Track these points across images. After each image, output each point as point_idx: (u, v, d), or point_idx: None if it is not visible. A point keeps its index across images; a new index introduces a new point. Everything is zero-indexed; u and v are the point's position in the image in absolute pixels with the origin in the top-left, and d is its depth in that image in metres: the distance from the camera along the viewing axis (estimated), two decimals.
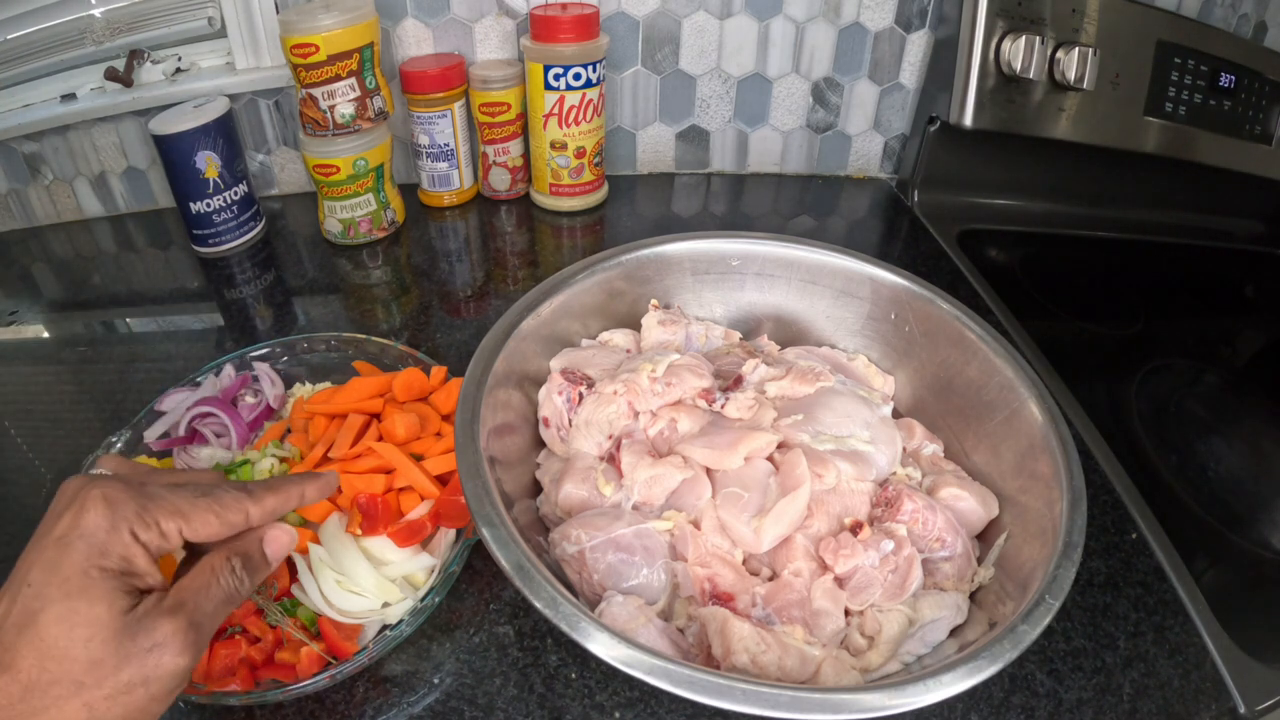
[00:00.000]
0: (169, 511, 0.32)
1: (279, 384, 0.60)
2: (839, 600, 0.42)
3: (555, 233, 0.90)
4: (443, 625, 0.48)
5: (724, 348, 0.60)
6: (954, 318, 0.54)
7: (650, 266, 0.59)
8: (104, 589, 0.29)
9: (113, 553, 0.30)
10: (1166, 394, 0.73)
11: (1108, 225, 1.00)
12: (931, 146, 0.93)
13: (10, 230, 0.89)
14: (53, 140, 0.84)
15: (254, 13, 0.82)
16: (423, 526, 0.48)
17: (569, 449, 0.50)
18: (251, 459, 0.52)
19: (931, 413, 0.56)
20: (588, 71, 0.82)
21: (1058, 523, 0.42)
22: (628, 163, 1.00)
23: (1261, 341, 0.89)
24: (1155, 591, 0.52)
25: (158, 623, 0.30)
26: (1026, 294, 0.84)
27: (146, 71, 0.83)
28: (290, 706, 0.43)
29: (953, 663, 0.35)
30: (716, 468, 0.47)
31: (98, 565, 0.29)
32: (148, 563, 0.31)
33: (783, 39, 0.91)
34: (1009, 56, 0.82)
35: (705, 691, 0.33)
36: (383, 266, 0.83)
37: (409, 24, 0.85)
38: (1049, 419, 0.47)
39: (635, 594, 0.42)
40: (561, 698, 0.44)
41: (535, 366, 0.53)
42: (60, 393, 0.68)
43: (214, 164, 0.78)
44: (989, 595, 0.45)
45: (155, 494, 0.32)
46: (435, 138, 0.86)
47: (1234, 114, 0.93)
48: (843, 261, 0.59)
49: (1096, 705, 0.45)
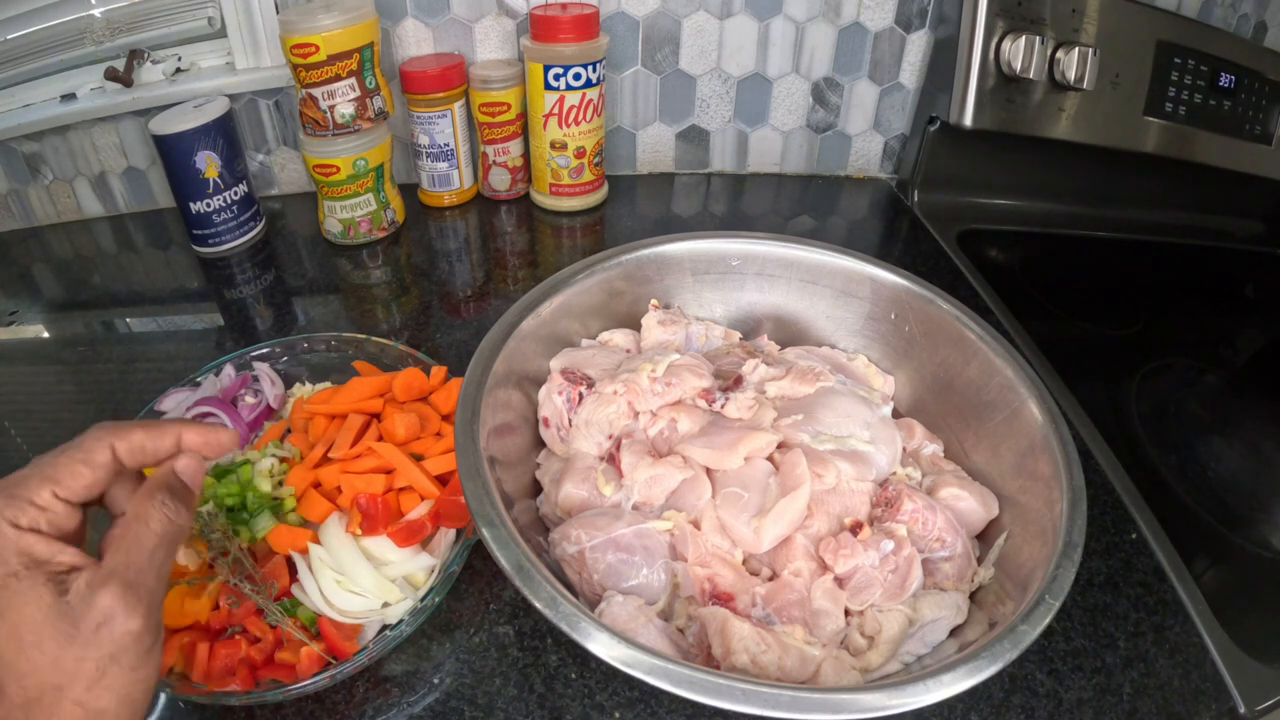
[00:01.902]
0: (35, 483, 0.30)
1: (279, 384, 0.60)
2: (839, 600, 0.42)
3: (555, 233, 0.90)
4: (443, 625, 0.48)
5: (724, 348, 0.60)
6: (954, 318, 0.54)
7: (650, 266, 0.59)
8: (22, 592, 0.28)
9: (10, 555, 0.28)
10: (1166, 394, 0.73)
11: (1108, 225, 1.00)
12: (931, 146, 0.93)
13: (10, 230, 0.89)
14: (53, 140, 0.84)
15: (254, 13, 0.82)
16: (423, 526, 0.48)
17: (569, 449, 0.50)
18: (251, 459, 0.52)
19: (931, 413, 0.56)
20: (588, 71, 0.82)
21: (1058, 523, 0.42)
22: (628, 163, 1.00)
23: (1261, 341, 0.89)
24: (1155, 591, 0.52)
25: (94, 598, 0.28)
26: (1026, 294, 0.84)
27: (146, 71, 0.83)
28: (290, 706, 0.43)
29: (953, 663, 0.35)
30: (716, 468, 0.47)
31: (6, 573, 0.28)
32: (47, 544, 0.29)
33: (783, 39, 0.91)
34: (1009, 56, 0.82)
35: (705, 691, 0.33)
36: (383, 266, 0.83)
37: (409, 24, 0.85)
38: (1049, 419, 0.47)
39: (635, 594, 0.42)
40: (561, 698, 0.44)
41: (535, 366, 0.53)
42: (60, 393, 0.68)
43: (214, 164, 0.78)
44: (989, 595, 0.45)
45: (15, 477, 0.30)
46: (435, 138, 0.86)
47: (1234, 114, 0.93)
48: (843, 261, 0.59)
49: (1096, 705, 0.45)
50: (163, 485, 0.33)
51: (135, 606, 0.29)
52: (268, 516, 0.48)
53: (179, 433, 0.34)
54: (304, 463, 0.52)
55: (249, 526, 0.48)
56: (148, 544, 0.31)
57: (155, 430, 0.34)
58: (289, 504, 0.50)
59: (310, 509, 0.49)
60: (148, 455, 0.33)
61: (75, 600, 0.28)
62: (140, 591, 0.29)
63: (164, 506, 0.32)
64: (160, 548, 0.31)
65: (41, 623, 0.27)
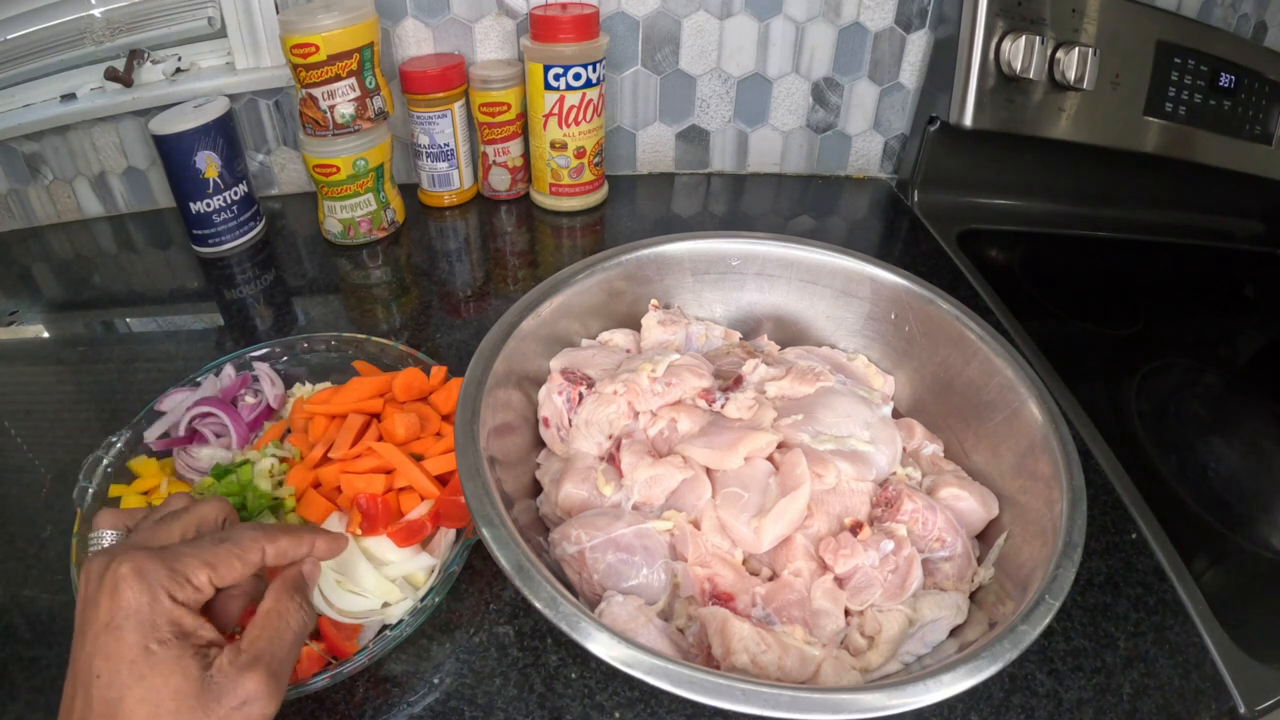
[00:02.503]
0: (196, 565, 0.32)
1: (279, 384, 0.60)
2: (839, 600, 0.42)
3: (555, 233, 0.90)
4: (443, 625, 0.48)
5: (724, 348, 0.60)
6: (954, 318, 0.54)
7: (650, 266, 0.59)
8: (170, 660, 0.30)
9: (162, 623, 0.30)
10: (1166, 394, 0.73)
11: (1108, 225, 1.00)
12: (931, 146, 0.93)
13: (10, 230, 0.89)
14: (53, 140, 0.84)
15: (254, 13, 0.82)
16: (423, 526, 0.48)
17: (569, 449, 0.50)
18: (251, 459, 0.52)
19: (931, 413, 0.56)
20: (588, 71, 0.82)
21: (1058, 523, 0.42)
22: (628, 163, 1.00)
23: (1261, 341, 0.89)
24: (1155, 591, 0.52)
25: (241, 680, 0.30)
26: (1026, 294, 0.84)
27: (146, 71, 0.83)
28: (290, 706, 0.43)
29: (953, 663, 0.35)
30: (716, 468, 0.47)
31: (155, 639, 0.30)
32: (194, 620, 0.32)
33: (783, 39, 0.91)
34: (1009, 56, 0.82)
35: (705, 691, 0.33)
36: (383, 266, 0.83)
37: (409, 24, 0.85)
38: (1049, 419, 0.47)
39: (635, 594, 0.42)
40: (561, 698, 0.44)
41: (535, 366, 0.53)
42: (60, 393, 0.68)
43: (214, 164, 0.78)
44: (989, 595, 0.45)
45: (178, 552, 0.33)
46: (435, 138, 0.86)
47: (1234, 114, 0.93)
48: (843, 261, 0.59)
49: (1096, 705, 0.45)
50: (299, 585, 0.36)
51: (275, 694, 0.31)
52: (268, 516, 0.48)
53: (314, 541, 0.38)
54: (304, 463, 0.52)
55: None
56: (288, 638, 0.34)
57: (297, 539, 0.37)
58: (289, 504, 0.50)
59: (310, 509, 0.49)
60: (287, 560, 0.37)
61: (219, 677, 0.30)
62: (278, 681, 0.32)
63: (300, 609, 0.35)
64: (297, 643, 0.34)
65: (185, 691, 0.29)
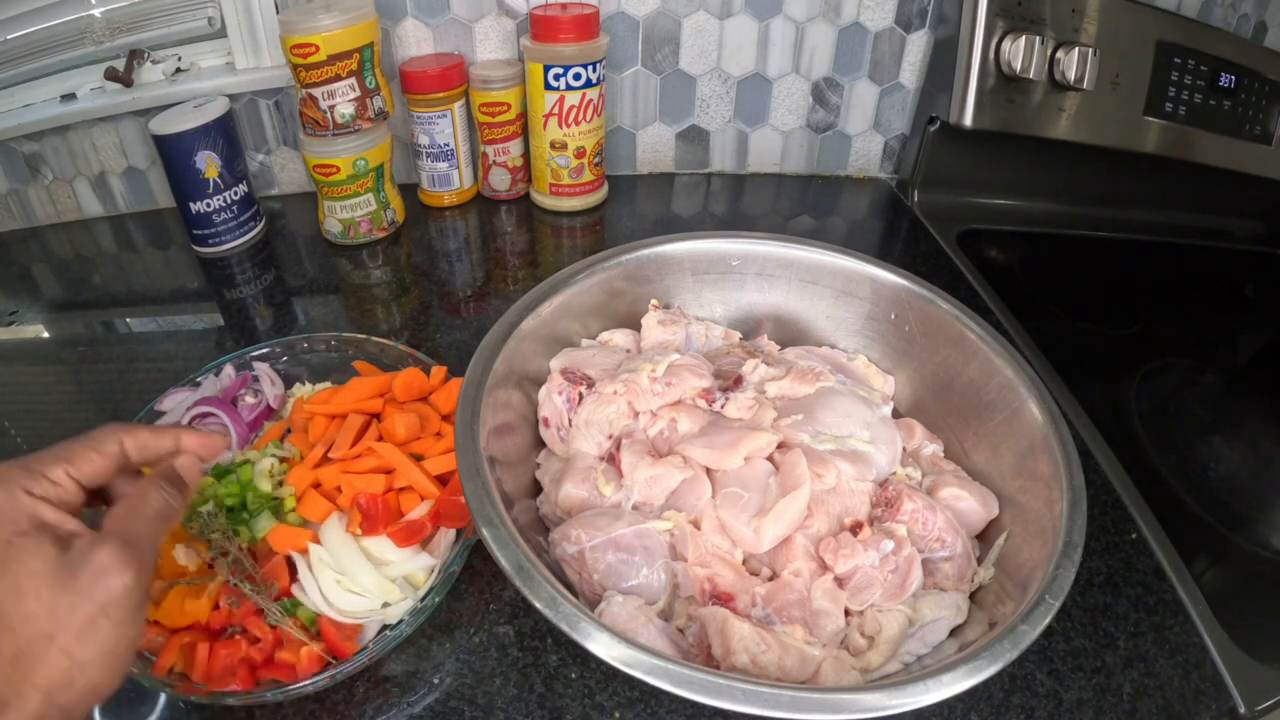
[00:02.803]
0: (50, 460, 0.34)
1: (279, 384, 0.60)
2: (839, 600, 0.42)
3: (555, 233, 0.90)
4: (443, 625, 0.48)
5: (724, 348, 0.60)
6: (954, 318, 0.54)
7: (650, 266, 0.59)
8: (30, 549, 0.31)
9: (20, 517, 0.31)
10: (1166, 394, 0.73)
11: (1108, 225, 1.00)
12: (931, 146, 0.93)
13: (10, 230, 0.89)
14: (53, 140, 0.84)
15: (254, 13, 0.82)
16: (423, 526, 0.48)
17: (569, 449, 0.50)
18: (251, 459, 0.52)
19: (931, 413, 0.56)
20: (588, 71, 0.82)
21: (1058, 523, 0.42)
22: (628, 163, 1.00)
23: (1261, 341, 0.89)
24: (1155, 591, 0.52)
25: (92, 553, 0.31)
26: (1026, 294, 0.84)
27: (146, 71, 0.83)
28: (290, 706, 0.43)
29: (953, 663, 0.35)
30: (716, 468, 0.47)
31: (14, 533, 0.31)
32: (56, 514, 0.32)
33: (783, 39, 0.91)
34: (1009, 56, 0.82)
35: (705, 691, 0.33)
36: (383, 266, 0.83)
37: (409, 24, 0.85)
38: (1049, 419, 0.47)
39: (635, 594, 0.42)
40: (561, 698, 0.44)
41: (535, 366, 0.53)
42: (60, 393, 0.68)
43: (214, 164, 0.78)
44: (989, 595, 0.45)
45: (37, 454, 0.34)
46: (435, 138, 0.86)
47: (1234, 114, 0.93)
48: (843, 261, 0.59)
49: (1096, 705, 0.45)
50: (162, 474, 0.37)
51: (129, 562, 0.31)
52: (268, 516, 0.48)
53: (179, 435, 0.39)
54: (304, 463, 0.52)
55: (249, 526, 0.48)
56: (145, 515, 0.34)
57: (159, 431, 0.38)
58: (289, 504, 0.50)
59: (310, 509, 0.49)
60: (150, 451, 0.38)
61: (75, 555, 0.31)
62: (135, 551, 0.32)
63: (162, 489, 0.36)
64: (155, 521, 0.35)
65: (41, 572, 0.30)
